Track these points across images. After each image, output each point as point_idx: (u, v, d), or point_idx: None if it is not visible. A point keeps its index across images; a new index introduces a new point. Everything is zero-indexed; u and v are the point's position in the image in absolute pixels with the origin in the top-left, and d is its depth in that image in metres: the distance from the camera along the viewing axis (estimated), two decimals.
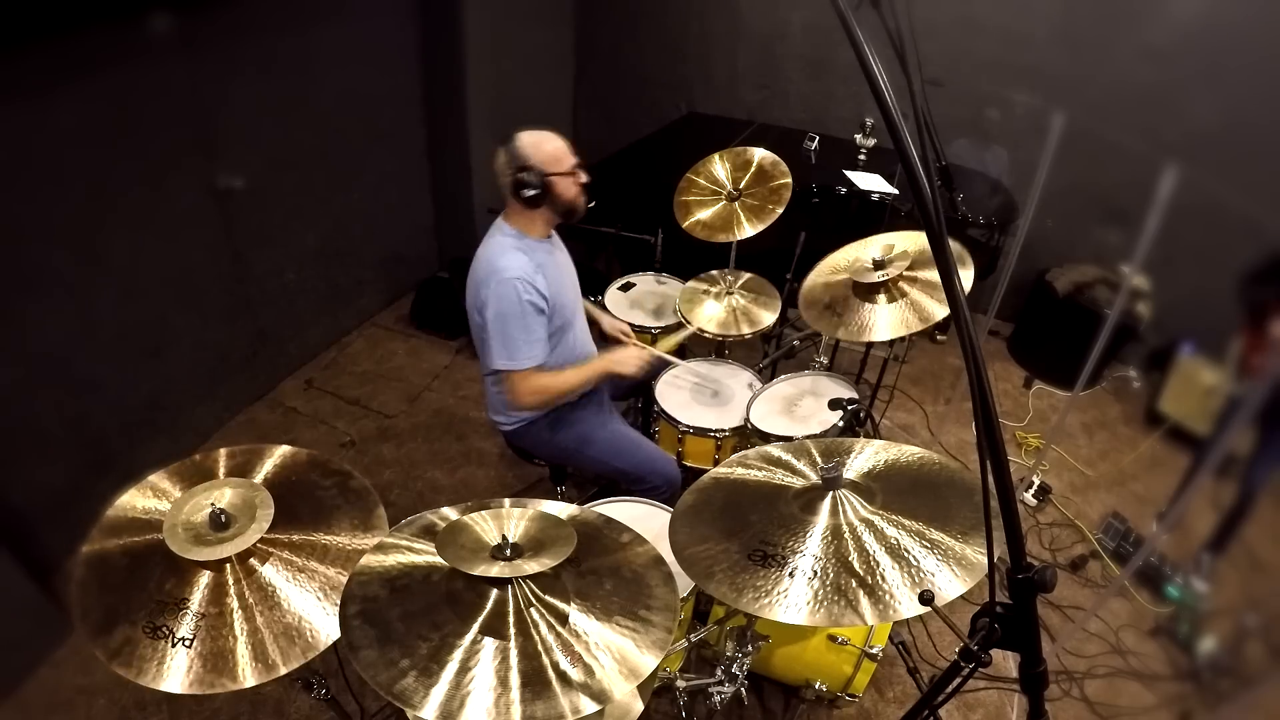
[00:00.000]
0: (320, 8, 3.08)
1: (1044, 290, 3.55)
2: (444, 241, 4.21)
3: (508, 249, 1.94)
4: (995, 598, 0.99)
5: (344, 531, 1.37)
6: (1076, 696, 2.23)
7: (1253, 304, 1.69)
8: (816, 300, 2.29)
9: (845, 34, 0.75)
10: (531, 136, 1.95)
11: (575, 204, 2.01)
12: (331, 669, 1.52)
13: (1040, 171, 2.39)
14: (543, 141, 1.95)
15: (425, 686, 1.02)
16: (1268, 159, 2.38)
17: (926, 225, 0.81)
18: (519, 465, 2.94)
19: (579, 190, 2.01)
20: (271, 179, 3.06)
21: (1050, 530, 2.82)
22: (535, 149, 1.93)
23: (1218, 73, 2.74)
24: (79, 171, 2.32)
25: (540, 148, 1.94)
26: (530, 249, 1.97)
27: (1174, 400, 2.20)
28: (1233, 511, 1.81)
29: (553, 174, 1.94)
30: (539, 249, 2.00)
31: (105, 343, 2.57)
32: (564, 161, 1.96)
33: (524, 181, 1.91)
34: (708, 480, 1.59)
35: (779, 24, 3.99)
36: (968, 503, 1.35)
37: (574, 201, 2.01)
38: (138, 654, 1.15)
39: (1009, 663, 2.11)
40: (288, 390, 3.40)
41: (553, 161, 1.94)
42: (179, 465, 1.45)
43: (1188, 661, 2.04)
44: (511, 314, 1.89)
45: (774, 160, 2.56)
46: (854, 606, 1.19)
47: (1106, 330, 2.24)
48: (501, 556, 1.15)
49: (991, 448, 0.85)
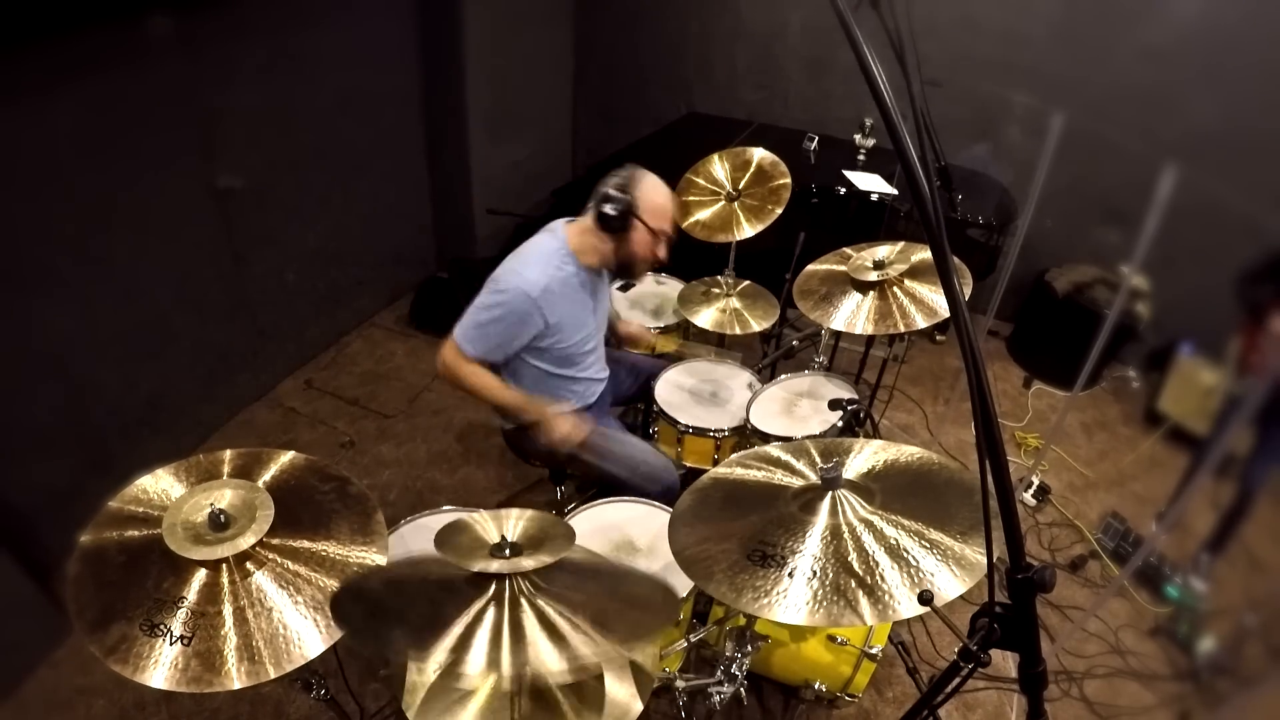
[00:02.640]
0: (320, 8, 3.08)
1: (1043, 290, 3.55)
2: (443, 242, 4.21)
3: (548, 260, 1.91)
4: (994, 598, 0.99)
5: (343, 537, 1.36)
6: (1076, 696, 2.23)
7: (1252, 303, 1.69)
8: (812, 291, 2.31)
9: (845, 34, 0.75)
10: (653, 179, 1.92)
11: (637, 264, 1.97)
12: (331, 669, 1.52)
13: (1040, 171, 2.39)
14: (658, 190, 1.91)
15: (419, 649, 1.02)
16: (1267, 159, 2.39)
17: (926, 225, 0.81)
18: (518, 465, 2.94)
19: (650, 256, 1.96)
20: (271, 179, 3.06)
21: (1049, 530, 2.82)
22: (647, 189, 1.89)
23: (1218, 73, 2.75)
24: (79, 171, 2.32)
25: (650, 194, 1.90)
26: (566, 270, 1.93)
27: (1173, 400, 2.20)
28: (1232, 511, 1.81)
29: (642, 219, 1.89)
30: (576, 276, 1.95)
31: (105, 343, 2.56)
32: (660, 220, 1.91)
33: (613, 200, 1.86)
34: (707, 480, 1.59)
35: (779, 24, 3.99)
36: (967, 503, 1.35)
37: (638, 260, 1.96)
38: (134, 651, 1.15)
39: (1008, 663, 2.11)
40: (287, 390, 3.40)
41: (651, 211, 1.89)
42: (182, 463, 1.45)
43: (1187, 661, 2.04)
44: (496, 309, 1.88)
45: (773, 160, 2.57)
46: (853, 606, 1.19)
47: (1106, 330, 2.24)
48: (500, 555, 1.15)
49: (991, 448, 0.85)
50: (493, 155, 3.95)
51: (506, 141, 4.01)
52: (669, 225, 1.94)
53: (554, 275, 1.91)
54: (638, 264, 1.98)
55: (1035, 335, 3.70)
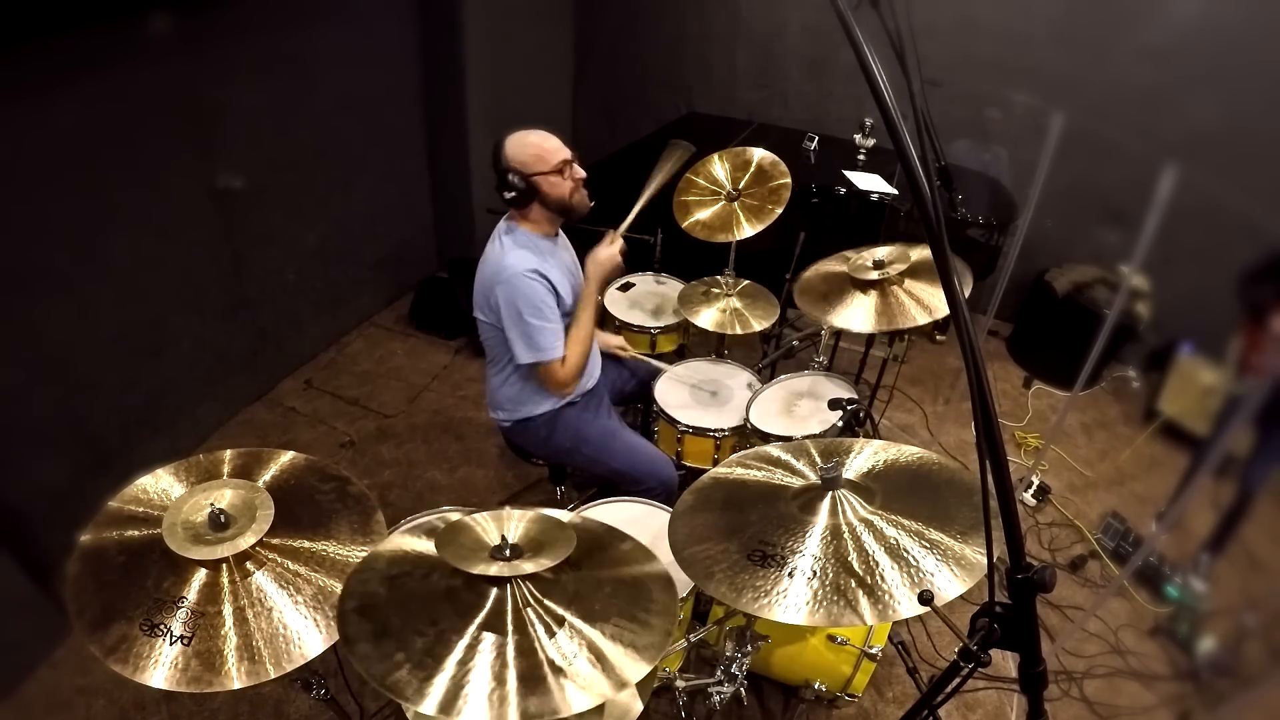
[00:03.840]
0: (320, 8, 3.08)
1: (1043, 290, 3.55)
2: (443, 242, 4.21)
3: (511, 247, 1.93)
4: (995, 598, 0.99)
5: (343, 537, 1.36)
6: (1076, 696, 2.23)
7: (1252, 303, 1.69)
8: (813, 289, 2.32)
9: (845, 34, 0.75)
10: (516, 137, 1.90)
11: (569, 203, 1.95)
12: (331, 669, 1.52)
13: (1040, 171, 2.39)
14: (526, 141, 1.89)
15: (420, 680, 1.02)
16: (1268, 159, 2.39)
17: (926, 225, 0.81)
18: (518, 465, 2.94)
19: (574, 187, 1.95)
20: (271, 179, 3.06)
21: (1049, 530, 2.82)
22: (518, 149, 1.88)
23: (1218, 73, 2.74)
24: (79, 171, 2.31)
25: (523, 148, 1.88)
26: (534, 245, 1.95)
27: (1173, 400, 2.20)
28: (1231, 511, 1.81)
29: (536, 174, 1.88)
30: (543, 246, 1.98)
31: (105, 343, 2.56)
32: (548, 160, 1.89)
33: (506, 183, 1.88)
34: (707, 480, 1.59)
35: (779, 24, 3.99)
36: (967, 503, 1.35)
37: (567, 200, 1.95)
38: (134, 651, 1.15)
39: (1008, 663, 2.11)
40: (287, 390, 3.40)
41: (536, 161, 1.88)
42: (182, 463, 1.45)
43: (1187, 661, 2.04)
44: (527, 307, 1.87)
45: (773, 160, 2.56)
46: (853, 606, 1.19)
47: (1106, 330, 2.24)
48: (501, 557, 1.15)
49: (991, 448, 0.85)
50: None
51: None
52: (561, 153, 1.91)
53: (525, 252, 1.91)
54: (569, 201, 1.96)
55: (1035, 335, 3.70)
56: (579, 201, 1.98)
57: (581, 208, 1.99)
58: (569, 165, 1.94)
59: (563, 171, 1.92)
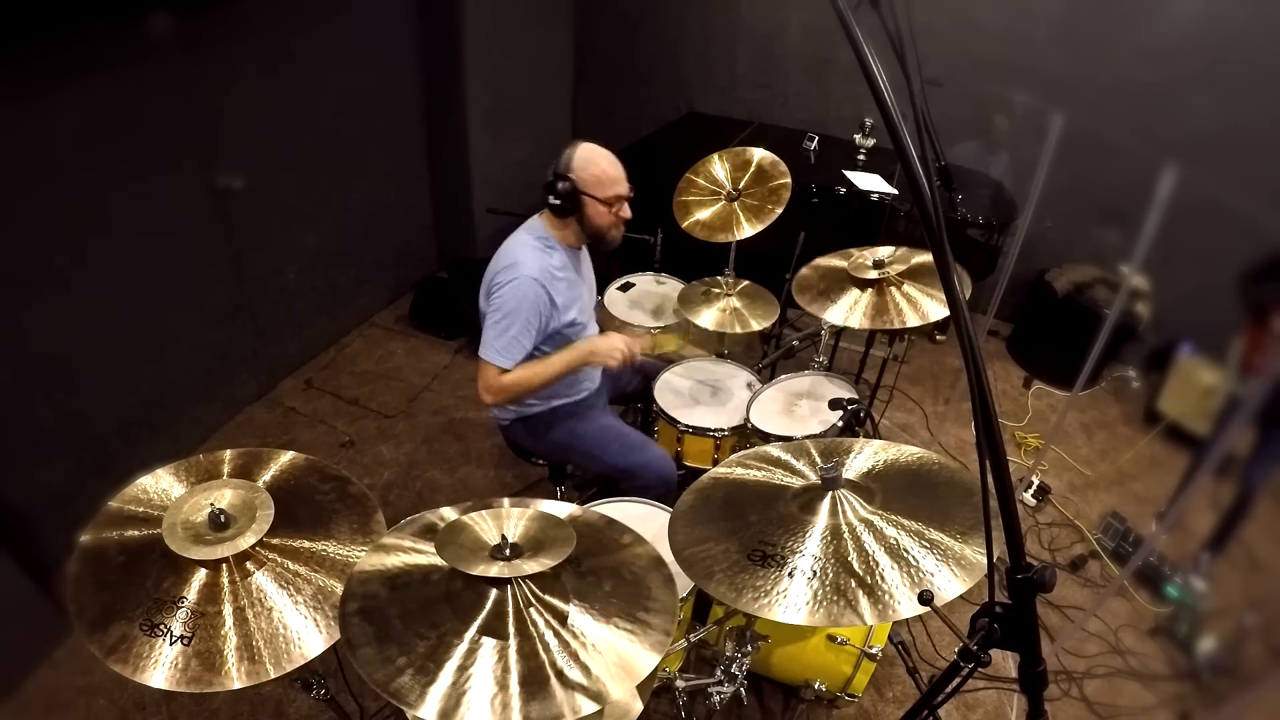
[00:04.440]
0: (320, 8, 3.08)
1: (1043, 290, 3.55)
2: (443, 242, 4.21)
3: (533, 247, 1.93)
4: (995, 598, 0.99)
5: (343, 537, 1.36)
6: (1076, 696, 2.23)
7: (1254, 303, 1.69)
8: (811, 286, 2.33)
9: (845, 34, 0.75)
10: (587, 150, 1.91)
11: (605, 235, 1.98)
12: (331, 669, 1.52)
13: (1040, 171, 2.39)
14: (594, 159, 1.91)
15: (422, 685, 1.02)
16: (1267, 159, 2.38)
17: (926, 225, 0.81)
18: (518, 465, 2.94)
19: (614, 223, 1.97)
20: (271, 179, 3.06)
21: (1049, 530, 2.82)
22: (583, 164, 1.89)
23: (1218, 73, 2.75)
24: (79, 171, 2.31)
25: (588, 165, 1.90)
26: (552, 253, 1.96)
27: (1173, 400, 2.20)
28: (1232, 511, 1.81)
29: (588, 194, 1.90)
30: (561, 256, 1.99)
31: (105, 343, 2.56)
32: (605, 188, 1.91)
33: (556, 188, 1.88)
34: (707, 480, 1.59)
35: (779, 24, 3.99)
36: (967, 503, 1.35)
37: (604, 231, 1.97)
38: (134, 651, 1.14)
39: (1008, 663, 2.11)
40: (287, 390, 3.40)
41: (594, 183, 1.90)
42: (182, 463, 1.45)
43: (1187, 661, 2.04)
44: (515, 311, 1.88)
45: (773, 160, 2.56)
46: (853, 606, 1.19)
47: (1106, 330, 2.24)
48: (501, 556, 1.15)
49: (991, 448, 0.85)
50: (493, 155, 3.95)
51: (506, 141, 4.01)
52: (619, 187, 1.93)
53: (544, 260, 1.93)
54: (605, 233, 1.98)
55: (1035, 335, 3.70)
56: (612, 237, 2.01)
57: (612, 243, 2.02)
58: (621, 202, 1.96)
59: (612, 205, 1.94)
